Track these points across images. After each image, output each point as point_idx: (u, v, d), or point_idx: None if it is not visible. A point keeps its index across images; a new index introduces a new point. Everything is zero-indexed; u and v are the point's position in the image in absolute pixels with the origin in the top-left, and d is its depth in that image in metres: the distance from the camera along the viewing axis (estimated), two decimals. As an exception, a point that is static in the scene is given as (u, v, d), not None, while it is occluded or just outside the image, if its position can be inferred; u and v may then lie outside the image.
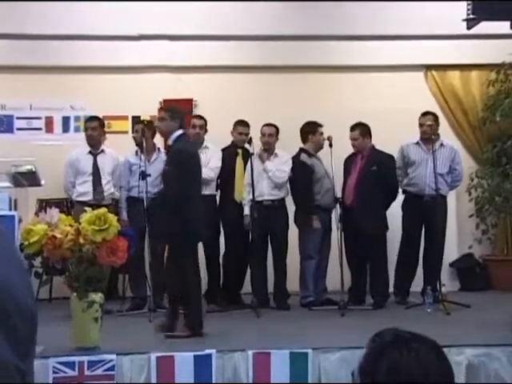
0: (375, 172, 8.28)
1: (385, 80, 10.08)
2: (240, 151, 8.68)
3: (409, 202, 8.59)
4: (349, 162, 8.54)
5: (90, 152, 8.41)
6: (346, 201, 8.27)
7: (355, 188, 8.29)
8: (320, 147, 8.57)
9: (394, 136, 9.00)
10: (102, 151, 8.44)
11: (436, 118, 8.77)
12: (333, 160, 8.13)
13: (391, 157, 8.48)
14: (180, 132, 6.78)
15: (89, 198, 8.21)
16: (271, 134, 8.53)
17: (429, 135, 8.45)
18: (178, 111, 7.01)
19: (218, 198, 8.63)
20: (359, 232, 8.04)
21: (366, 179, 8.27)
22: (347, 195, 8.31)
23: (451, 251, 9.37)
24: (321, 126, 8.63)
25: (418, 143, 8.63)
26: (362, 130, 8.44)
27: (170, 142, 6.84)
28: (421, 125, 8.60)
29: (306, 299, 8.38)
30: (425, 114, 8.74)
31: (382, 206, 8.31)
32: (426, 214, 8.20)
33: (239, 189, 8.48)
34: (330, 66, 10.03)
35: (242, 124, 8.68)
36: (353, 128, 8.48)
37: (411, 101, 9.75)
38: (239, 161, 8.64)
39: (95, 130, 8.40)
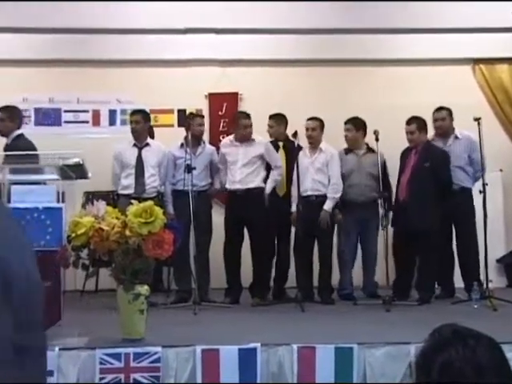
0: (428, 168, 8.17)
1: (432, 74, 10.01)
2: (281, 144, 8.68)
3: None
4: (404, 157, 8.42)
5: (135, 145, 8.44)
6: (399, 196, 8.22)
7: (408, 184, 8.20)
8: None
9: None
10: (147, 144, 8.47)
11: (450, 112, 8.63)
12: (378, 154, 8.07)
13: (444, 152, 8.35)
14: (19, 132, 7.72)
15: (131, 190, 8.25)
16: (314, 127, 8.48)
17: (441, 130, 8.36)
18: (17, 112, 7.86)
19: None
20: (411, 228, 7.94)
21: (419, 175, 8.16)
22: (401, 191, 8.24)
23: (498, 247, 9.28)
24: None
25: (433, 140, 8.50)
26: (418, 124, 8.31)
27: (8, 141, 7.70)
28: (435, 120, 8.47)
29: (343, 291, 8.55)
30: (439, 109, 8.62)
31: (435, 203, 8.18)
32: (450, 209, 8.07)
33: (281, 182, 8.49)
34: (376, 60, 10.00)
35: (269, 117, 8.75)
36: (409, 121, 8.35)
37: (459, 95, 9.66)
38: (281, 154, 8.63)
39: (138, 123, 8.42)
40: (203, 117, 8.78)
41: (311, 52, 9.97)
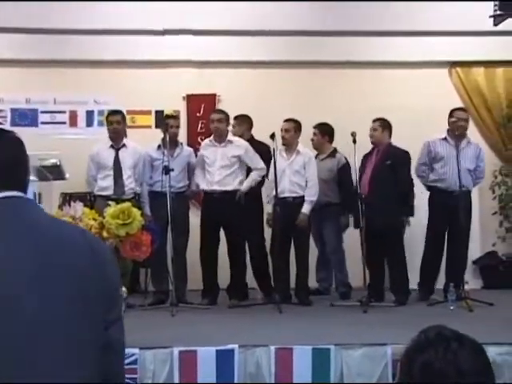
0: (389, 166, 8.25)
1: (409, 76, 10.04)
2: None
3: (436, 198, 8.49)
4: (365, 158, 8.52)
5: (112, 146, 8.41)
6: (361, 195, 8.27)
7: (370, 183, 8.28)
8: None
9: (417, 132, 8.97)
10: (124, 145, 8.44)
11: (467, 114, 8.76)
12: (356, 156, 8.10)
13: (406, 153, 8.43)
14: None
15: (110, 192, 8.21)
16: (288, 129, 8.48)
17: (462, 130, 8.42)
18: None
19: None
20: (373, 227, 8.01)
21: (379, 173, 8.26)
22: (362, 190, 8.29)
23: (474, 249, 9.35)
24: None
25: (445, 139, 8.51)
26: (382, 123, 8.46)
27: None
28: (458, 119, 8.45)
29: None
30: (461, 109, 8.75)
31: (397, 201, 8.25)
32: (453, 210, 8.06)
33: None
34: (353, 62, 10.02)
35: (234, 118, 8.77)
36: (374, 120, 8.51)
37: (435, 97, 9.72)
38: None
39: (119, 123, 8.41)
40: (177, 118, 8.75)
41: (288, 54, 9.97)
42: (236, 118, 8.82)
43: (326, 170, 8.75)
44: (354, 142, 8.07)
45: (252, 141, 8.66)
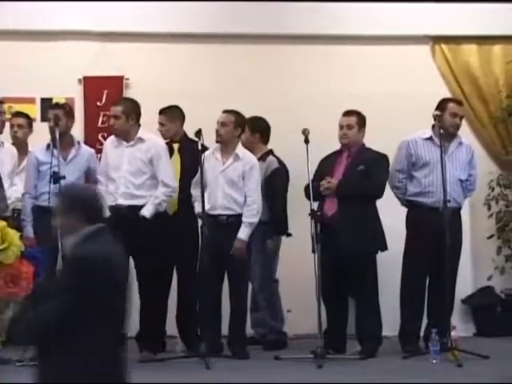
0: (363, 172, 8.30)
1: (380, 55, 10.11)
2: (176, 146, 8.73)
3: (418, 216, 8.52)
4: (328, 163, 8.51)
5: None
6: (326, 212, 8.28)
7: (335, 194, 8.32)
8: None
9: (391, 128, 9.07)
10: (1, 144, 8.37)
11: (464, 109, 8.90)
12: (309, 161, 8.13)
13: (384, 156, 8.48)
14: None
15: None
16: (224, 122, 8.48)
17: (457, 130, 8.53)
18: None
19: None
20: (341, 252, 8.05)
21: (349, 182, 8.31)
22: (328, 205, 8.31)
23: (464, 283, 9.38)
24: None
25: (430, 138, 8.55)
26: (359, 119, 8.48)
27: None
28: (454, 114, 8.54)
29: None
30: (455, 100, 8.86)
31: (372, 218, 8.32)
32: (440, 231, 8.07)
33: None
34: (306, 36, 10.06)
35: (160, 112, 8.80)
36: (349, 113, 8.50)
37: (413, 82, 9.84)
38: (175, 159, 8.66)
39: (2, 114, 8.36)
40: (68, 107, 8.69)
41: (224, 24, 9.97)
42: (163, 111, 8.79)
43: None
44: (306, 141, 8.11)
45: (185, 140, 8.70)
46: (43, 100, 9.81)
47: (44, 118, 9.48)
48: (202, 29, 9.95)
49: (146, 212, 8.14)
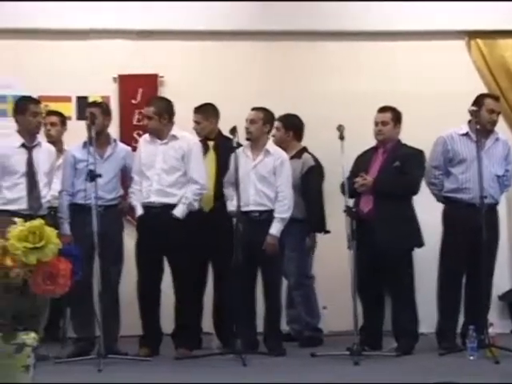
0: (399, 168, 8.29)
1: (415, 51, 10.12)
2: (211, 144, 8.74)
3: (455, 212, 8.49)
4: (363, 160, 8.54)
5: (24, 145, 8.34)
6: (362, 209, 8.28)
7: (371, 191, 8.31)
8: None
9: (424, 126, 9.04)
10: (38, 144, 8.40)
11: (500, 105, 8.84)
12: (344, 157, 8.12)
13: (420, 152, 8.46)
14: None
15: (21, 206, 8.12)
16: (254, 119, 8.47)
17: (493, 126, 8.50)
18: None
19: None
20: (377, 249, 8.05)
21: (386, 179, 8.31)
22: (363, 202, 8.31)
23: (501, 280, 9.36)
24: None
25: (466, 134, 8.50)
26: (395, 115, 8.47)
27: None
28: (491, 110, 8.47)
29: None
30: (492, 96, 8.79)
31: (409, 216, 8.32)
32: (477, 228, 7.98)
33: (206, 194, 8.50)
34: (342, 32, 10.06)
35: (195, 111, 8.81)
36: (383, 109, 8.51)
37: (449, 78, 9.82)
38: (210, 156, 8.68)
39: (39, 115, 8.39)
40: (105, 106, 8.71)
41: (257, 22, 10.00)
42: (198, 110, 8.80)
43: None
44: (341, 137, 8.10)
45: (220, 138, 8.72)
46: (79, 98, 9.88)
47: (80, 117, 9.54)
48: (235, 26, 9.97)
49: (178, 213, 8.17)
